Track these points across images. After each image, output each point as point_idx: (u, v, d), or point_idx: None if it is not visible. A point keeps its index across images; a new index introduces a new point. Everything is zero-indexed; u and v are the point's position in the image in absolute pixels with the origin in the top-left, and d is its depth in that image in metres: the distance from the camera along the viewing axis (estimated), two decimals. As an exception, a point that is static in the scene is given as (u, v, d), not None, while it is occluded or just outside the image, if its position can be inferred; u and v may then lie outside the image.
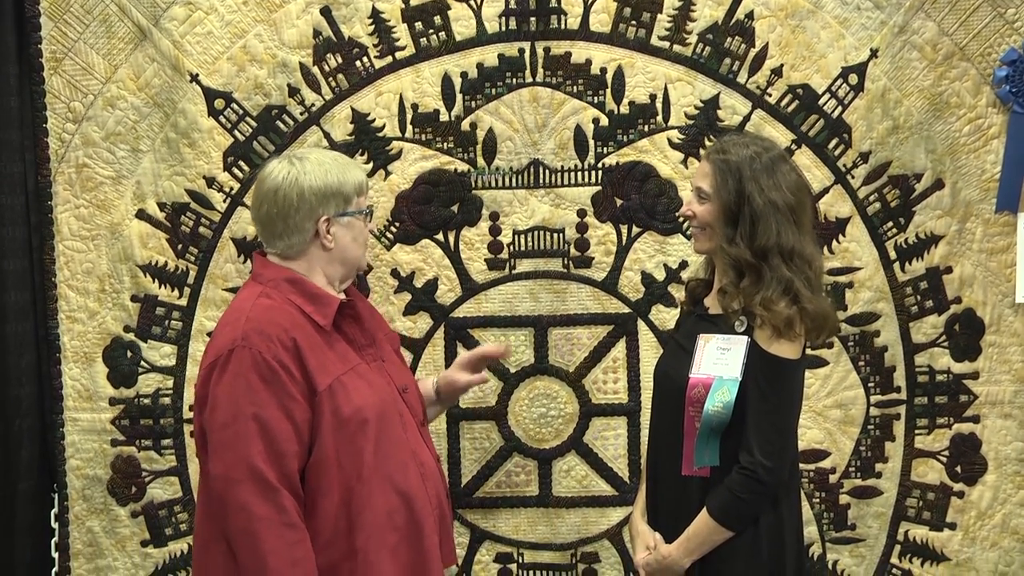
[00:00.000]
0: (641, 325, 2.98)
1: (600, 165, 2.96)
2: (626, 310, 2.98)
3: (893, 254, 2.93)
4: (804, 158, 2.91)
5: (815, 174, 2.91)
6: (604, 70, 2.94)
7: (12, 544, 2.99)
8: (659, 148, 2.94)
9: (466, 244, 2.99)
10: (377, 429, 2.26)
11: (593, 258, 2.98)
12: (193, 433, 2.34)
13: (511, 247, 2.98)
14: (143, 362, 3.03)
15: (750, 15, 2.90)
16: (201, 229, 3.00)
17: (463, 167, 2.97)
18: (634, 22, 2.92)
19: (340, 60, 2.96)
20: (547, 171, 2.97)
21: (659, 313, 2.97)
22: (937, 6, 2.85)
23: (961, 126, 2.88)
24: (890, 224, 2.92)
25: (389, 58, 2.96)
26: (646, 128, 2.95)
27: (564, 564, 3.02)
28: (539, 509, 3.02)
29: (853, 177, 2.92)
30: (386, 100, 2.97)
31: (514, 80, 2.95)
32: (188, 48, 2.96)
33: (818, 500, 2.96)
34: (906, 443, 2.95)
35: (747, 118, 2.92)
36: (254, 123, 2.97)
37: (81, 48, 2.97)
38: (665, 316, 2.96)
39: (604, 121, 2.94)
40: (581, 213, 2.97)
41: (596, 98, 2.95)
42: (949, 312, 2.93)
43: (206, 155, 2.98)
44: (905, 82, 2.89)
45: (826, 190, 2.92)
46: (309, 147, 2.92)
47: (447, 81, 2.95)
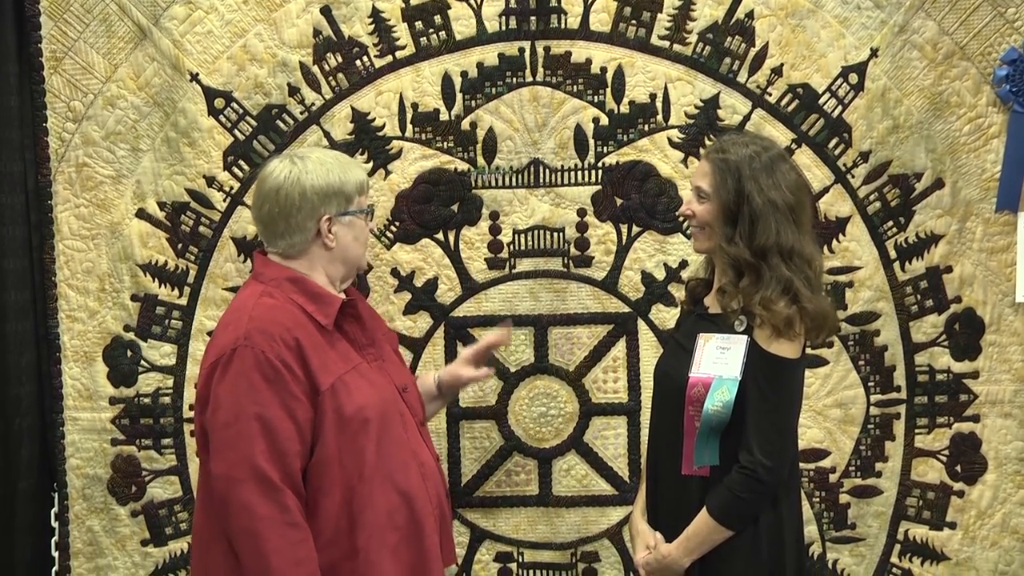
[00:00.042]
0: (641, 324, 2.98)
1: (600, 164, 2.96)
2: (626, 309, 2.98)
3: (893, 253, 2.93)
4: (804, 157, 2.91)
5: (815, 173, 2.91)
6: (604, 69, 2.93)
7: (12, 543, 2.99)
8: (659, 147, 2.94)
9: (466, 243, 2.99)
10: (379, 428, 2.25)
11: (593, 257, 2.98)
12: (193, 432, 2.34)
13: (511, 246, 2.98)
14: (143, 361, 3.03)
15: (750, 14, 2.90)
16: (201, 228, 3.00)
17: (463, 166, 2.97)
18: (634, 21, 2.92)
19: (340, 59, 2.96)
20: (547, 170, 2.97)
21: (659, 312, 2.97)
22: (937, 5, 2.85)
23: (961, 125, 2.88)
24: (890, 223, 2.92)
25: (389, 57, 2.96)
26: (646, 127, 2.95)
27: (564, 563, 3.02)
28: (539, 508, 3.02)
29: (853, 176, 2.91)
30: (386, 99, 2.97)
31: (514, 79, 2.95)
32: (188, 47, 2.96)
33: (818, 499, 2.96)
34: (906, 442, 2.95)
35: (747, 117, 2.92)
36: (254, 122, 2.97)
37: (81, 47, 2.97)
38: (665, 315, 2.96)
39: (604, 120, 2.94)
40: (581, 212, 2.97)
41: (596, 97, 2.95)
42: (949, 311, 2.92)
43: (206, 154, 2.98)
44: (905, 81, 2.88)
45: (826, 189, 2.92)
46: (309, 146, 2.92)
47: (447, 80, 2.95)
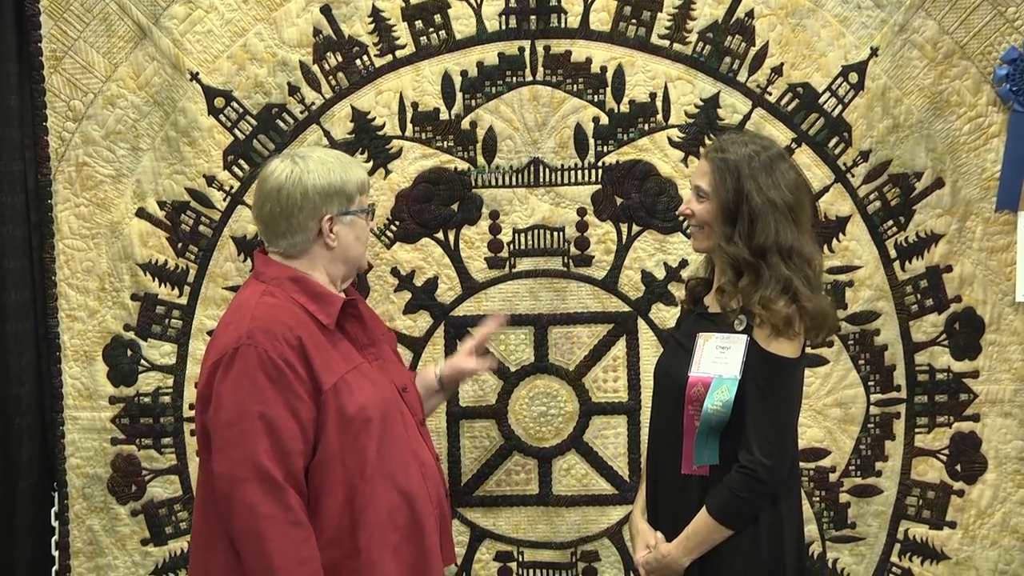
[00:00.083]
0: (641, 324, 2.98)
1: (600, 164, 2.96)
2: (626, 309, 2.98)
3: (893, 253, 2.93)
4: (804, 157, 2.91)
5: (815, 173, 2.91)
6: (604, 69, 2.93)
7: (12, 542, 2.99)
8: (659, 147, 2.94)
9: (466, 243, 2.99)
10: (380, 428, 2.26)
11: (593, 257, 2.98)
12: (194, 432, 2.34)
13: (511, 246, 2.98)
14: (143, 361, 3.03)
15: (750, 14, 2.90)
16: (201, 227, 3.00)
17: (463, 166, 2.97)
18: (634, 21, 2.92)
19: (340, 58, 2.96)
20: (547, 170, 2.97)
21: (659, 312, 2.97)
22: (937, 5, 2.85)
23: (961, 125, 2.88)
24: (890, 223, 2.92)
25: (389, 56, 2.96)
26: (646, 127, 2.94)
27: (564, 563, 3.02)
28: (539, 508, 3.02)
29: (853, 176, 2.91)
30: (386, 99, 2.97)
31: (514, 79, 2.95)
32: (188, 46, 2.96)
33: (818, 499, 2.96)
34: (906, 442, 2.95)
35: (747, 117, 2.92)
36: (254, 121, 2.97)
37: (81, 46, 2.97)
38: (665, 315, 2.96)
39: (604, 120, 2.94)
40: (581, 212, 2.97)
41: (596, 97, 2.95)
42: (949, 311, 2.92)
43: (206, 153, 2.98)
44: (905, 80, 2.88)
45: (826, 189, 2.92)
46: (310, 146, 2.92)
47: (447, 80, 2.95)
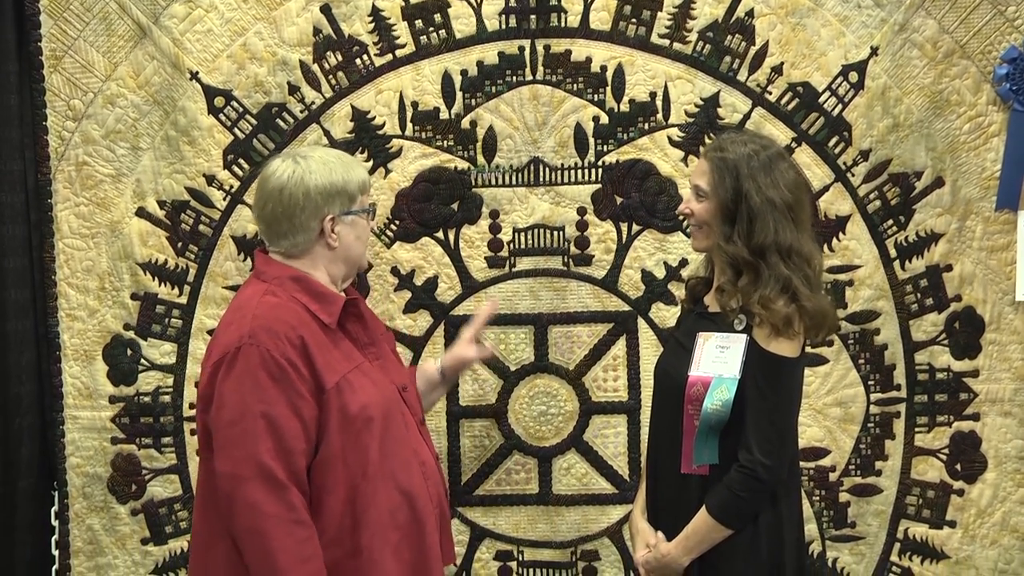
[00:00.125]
0: (641, 323, 2.98)
1: (600, 163, 2.96)
2: (626, 308, 2.98)
3: (893, 252, 2.93)
4: (804, 156, 2.91)
5: (815, 172, 2.91)
6: (604, 68, 2.93)
7: (12, 542, 2.99)
8: (659, 146, 2.94)
9: (466, 242, 2.99)
10: (382, 427, 2.26)
11: (593, 256, 2.98)
12: (194, 431, 2.34)
13: (511, 245, 2.98)
14: (143, 360, 3.03)
15: (750, 13, 2.89)
16: (201, 227, 3.00)
17: (463, 165, 2.97)
18: (634, 20, 2.92)
19: (340, 58, 2.96)
20: (547, 169, 2.97)
21: (659, 311, 2.97)
22: (937, 4, 2.85)
23: (961, 124, 2.88)
24: (890, 222, 2.92)
25: (389, 56, 2.96)
26: (646, 126, 2.94)
27: (564, 562, 3.02)
28: (539, 507, 3.02)
29: (853, 175, 2.91)
30: (386, 98, 2.97)
31: (514, 78, 2.95)
32: (188, 46, 2.96)
33: (818, 498, 2.96)
34: (906, 441, 2.95)
35: (747, 116, 2.92)
36: (254, 121, 2.97)
37: (81, 46, 2.96)
38: (665, 314, 2.96)
39: (604, 119, 2.94)
40: (581, 211, 2.97)
41: (596, 96, 2.95)
42: (949, 310, 2.92)
43: (206, 153, 2.98)
44: (905, 80, 2.88)
45: (826, 188, 2.92)
46: (310, 145, 2.92)
47: (447, 79, 2.95)
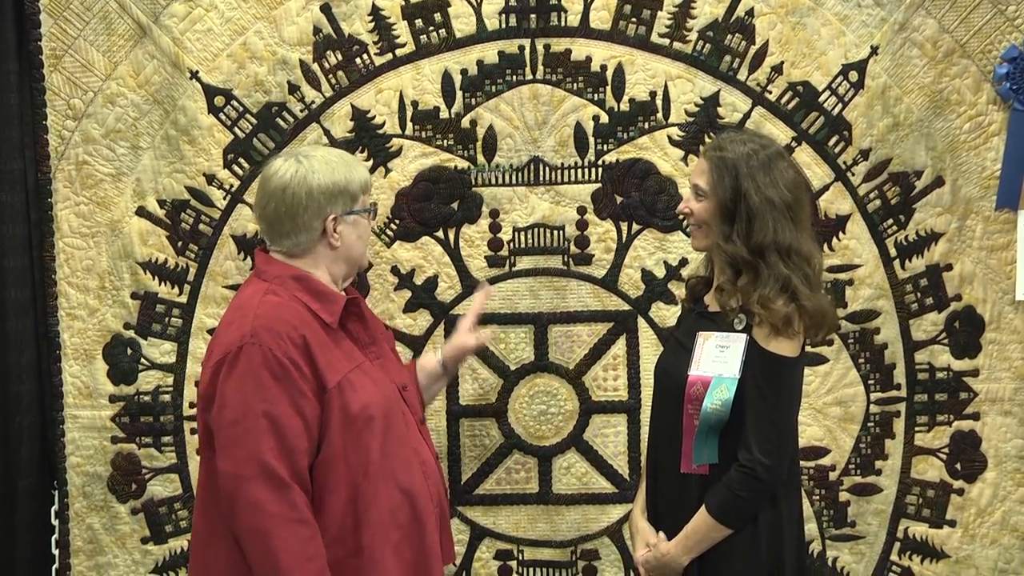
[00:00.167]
0: (641, 322, 2.98)
1: (600, 162, 2.95)
2: (626, 307, 2.98)
3: (893, 251, 2.93)
4: (804, 155, 2.91)
5: (815, 171, 2.91)
6: (604, 67, 2.93)
7: (13, 541, 3.00)
8: (659, 145, 2.94)
9: (466, 241, 2.99)
10: (383, 426, 2.26)
11: (593, 255, 2.98)
12: (194, 430, 2.34)
13: (511, 244, 2.98)
14: (143, 359, 3.03)
15: (750, 12, 2.89)
16: (201, 226, 3.00)
17: (463, 164, 2.97)
18: (634, 19, 2.92)
19: (340, 57, 2.96)
20: (547, 168, 2.97)
21: (659, 310, 2.97)
22: (938, 3, 2.85)
23: (961, 123, 2.88)
24: (890, 221, 2.92)
25: (389, 55, 2.96)
26: (646, 125, 2.94)
27: (564, 561, 3.02)
28: (539, 506, 3.02)
29: (853, 174, 2.91)
30: (386, 97, 2.97)
31: (514, 77, 2.95)
32: (188, 45, 2.96)
33: (818, 497, 2.96)
34: (906, 440, 2.95)
35: (747, 115, 2.92)
36: (254, 120, 2.97)
37: (81, 45, 2.96)
38: (665, 313, 2.96)
39: (604, 118, 2.94)
40: (581, 210, 2.97)
41: (596, 95, 2.94)
42: (949, 309, 2.92)
43: (206, 152, 2.98)
44: (905, 79, 2.88)
45: (826, 187, 2.92)
46: (311, 145, 2.92)
47: (447, 78, 2.95)
